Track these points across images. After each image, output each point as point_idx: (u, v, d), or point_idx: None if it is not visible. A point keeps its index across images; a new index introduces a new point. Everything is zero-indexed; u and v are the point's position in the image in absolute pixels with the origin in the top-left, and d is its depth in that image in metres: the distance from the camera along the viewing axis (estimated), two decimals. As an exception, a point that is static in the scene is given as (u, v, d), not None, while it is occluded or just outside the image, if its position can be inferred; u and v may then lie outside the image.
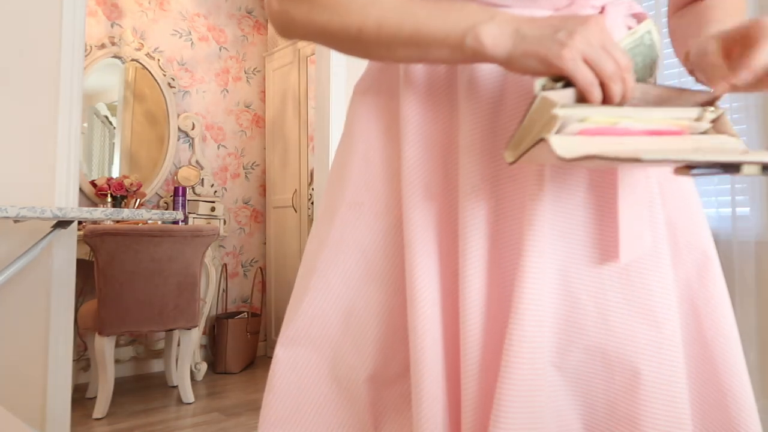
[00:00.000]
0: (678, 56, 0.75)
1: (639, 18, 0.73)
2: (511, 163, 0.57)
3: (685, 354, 0.65)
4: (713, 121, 0.58)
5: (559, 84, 0.55)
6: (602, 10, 0.68)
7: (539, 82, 0.55)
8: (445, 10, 0.59)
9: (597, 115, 0.52)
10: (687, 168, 0.53)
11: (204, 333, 3.55)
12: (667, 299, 0.62)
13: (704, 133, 0.57)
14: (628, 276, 0.62)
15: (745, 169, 0.50)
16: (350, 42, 0.64)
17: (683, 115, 0.56)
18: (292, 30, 0.67)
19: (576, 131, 0.52)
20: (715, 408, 0.65)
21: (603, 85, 0.54)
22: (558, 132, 0.51)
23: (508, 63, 0.56)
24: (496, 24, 0.56)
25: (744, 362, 0.67)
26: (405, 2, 0.61)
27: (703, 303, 0.66)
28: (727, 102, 2.17)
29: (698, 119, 0.57)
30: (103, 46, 3.45)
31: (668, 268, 0.63)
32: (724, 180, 2.20)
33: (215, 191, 3.78)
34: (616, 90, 0.54)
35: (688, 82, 2.15)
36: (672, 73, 2.30)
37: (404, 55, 0.62)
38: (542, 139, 0.51)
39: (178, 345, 3.00)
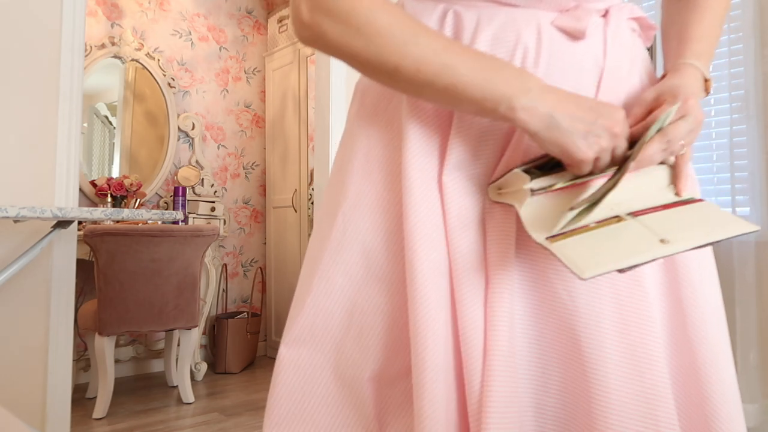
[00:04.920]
0: (662, 40, 0.79)
1: (640, 22, 0.74)
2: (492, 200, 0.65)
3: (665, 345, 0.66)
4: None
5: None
6: (606, 14, 0.69)
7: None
8: (487, 69, 0.60)
9: (561, 182, 0.62)
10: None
11: (204, 333, 3.55)
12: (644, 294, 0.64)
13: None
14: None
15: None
16: (382, 75, 0.63)
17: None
18: (321, 45, 0.64)
19: (543, 192, 0.61)
20: (695, 410, 0.66)
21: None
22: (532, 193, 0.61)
23: (533, 137, 0.61)
24: (530, 100, 0.59)
25: (729, 362, 0.67)
26: (446, 48, 0.60)
27: (688, 300, 0.67)
28: (727, 102, 2.17)
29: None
30: (103, 46, 3.45)
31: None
32: (724, 180, 2.20)
33: (215, 191, 3.78)
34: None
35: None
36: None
37: (433, 100, 0.63)
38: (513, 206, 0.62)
39: (178, 345, 3.00)
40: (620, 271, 0.54)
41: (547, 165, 0.62)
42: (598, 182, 0.62)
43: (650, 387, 0.61)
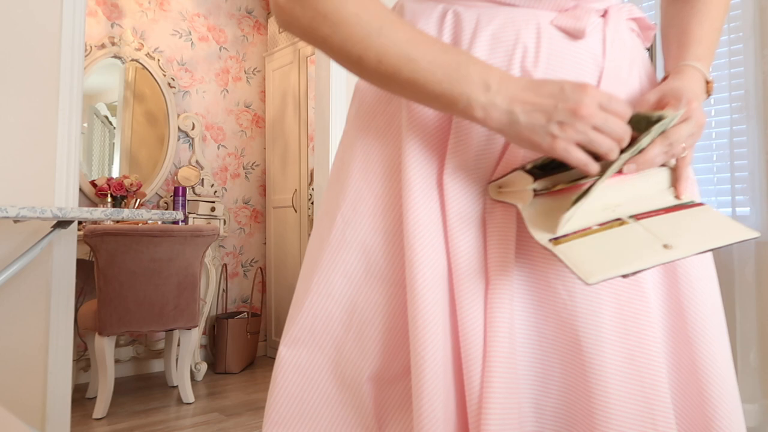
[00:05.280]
0: (662, 41, 0.78)
1: (639, 23, 0.74)
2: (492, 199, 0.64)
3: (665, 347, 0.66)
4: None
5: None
6: (605, 14, 0.69)
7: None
8: (446, 65, 0.59)
9: (563, 182, 0.61)
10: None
11: (204, 333, 3.55)
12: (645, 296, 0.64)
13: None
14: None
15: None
16: (348, 64, 0.63)
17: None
18: (294, 30, 0.65)
19: (545, 193, 0.61)
20: (695, 410, 0.66)
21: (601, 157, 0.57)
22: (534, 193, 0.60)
23: (502, 134, 0.59)
24: (488, 97, 0.57)
25: (728, 360, 0.67)
26: (409, 41, 0.60)
27: (687, 299, 0.67)
28: (727, 102, 2.17)
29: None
30: (103, 46, 3.45)
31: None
32: (724, 180, 2.20)
33: (215, 191, 3.78)
34: (614, 160, 0.57)
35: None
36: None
37: (398, 92, 0.63)
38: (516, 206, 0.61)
39: (178, 345, 3.00)
40: (624, 276, 0.54)
41: (550, 165, 0.62)
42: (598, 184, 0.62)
43: (649, 387, 0.61)
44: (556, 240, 0.57)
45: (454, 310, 0.64)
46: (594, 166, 0.57)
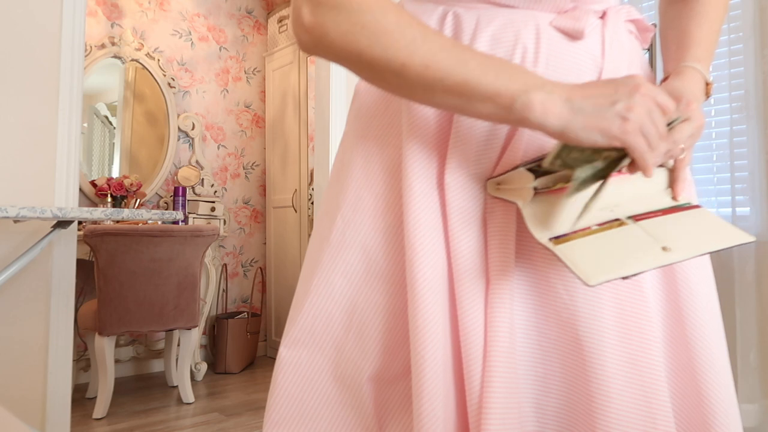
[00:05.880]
0: (661, 43, 0.78)
1: (637, 24, 0.74)
2: (492, 196, 0.64)
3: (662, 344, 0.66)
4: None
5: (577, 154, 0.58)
6: (603, 15, 0.69)
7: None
8: (497, 66, 0.57)
9: (563, 181, 0.60)
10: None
11: (204, 333, 3.55)
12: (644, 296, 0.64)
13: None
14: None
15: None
16: (389, 75, 0.59)
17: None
18: (323, 48, 0.61)
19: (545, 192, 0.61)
20: (693, 411, 0.66)
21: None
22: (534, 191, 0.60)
23: (562, 134, 0.55)
24: (546, 92, 0.55)
25: (725, 363, 0.68)
26: (456, 47, 0.58)
27: (685, 302, 0.67)
28: (727, 102, 2.17)
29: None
30: (103, 46, 3.45)
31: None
32: (724, 180, 2.20)
33: (215, 191, 3.78)
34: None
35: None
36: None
37: (443, 102, 0.59)
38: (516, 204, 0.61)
39: (178, 345, 3.00)
40: (624, 278, 0.54)
41: (558, 161, 0.62)
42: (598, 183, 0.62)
43: (649, 388, 0.61)
44: (556, 239, 0.57)
45: (455, 309, 0.64)
46: (651, 157, 0.55)
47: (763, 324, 2.04)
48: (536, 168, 0.62)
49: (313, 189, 3.60)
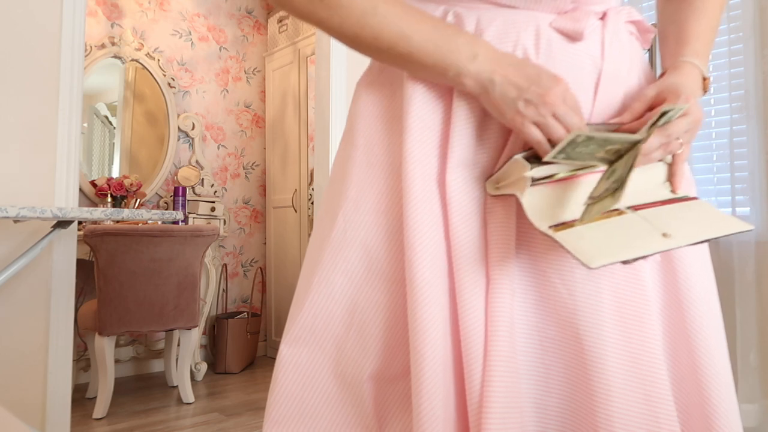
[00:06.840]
0: (659, 39, 0.79)
1: (638, 26, 0.74)
2: (492, 195, 0.66)
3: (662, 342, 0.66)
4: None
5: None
6: (604, 16, 0.69)
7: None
8: (437, 39, 0.64)
9: (562, 172, 0.63)
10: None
11: (204, 333, 3.55)
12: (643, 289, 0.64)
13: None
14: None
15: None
16: (345, 41, 0.68)
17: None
18: (288, 10, 0.69)
19: (544, 183, 0.63)
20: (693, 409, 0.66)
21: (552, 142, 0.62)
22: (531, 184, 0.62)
23: (479, 100, 0.65)
24: (476, 65, 0.63)
25: (725, 356, 0.68)
26: (402, 18, 0.65)
27: (685, 295, 0.67)
28: (727, 102, 2.17)
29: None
30: (103, 46, 3.45)
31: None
32: (724, 180, 2.20)
33: (215, 191, 3.78)
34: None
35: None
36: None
37: (393, 64, 0.68)
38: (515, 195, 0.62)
39: (178, 345, 3.00)
40: (624, 262, 0.55)
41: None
42: (597, 175, 0.62)
43: (650, 384, 0.61)
44: (555, 227, 0.58)
45: (455, 308, 0.64)
46: (547, 146, 0.61)
47: (763, 324, 2.04)
48: (531, 157, 0.62)
49: (313, 189, 3.60)
